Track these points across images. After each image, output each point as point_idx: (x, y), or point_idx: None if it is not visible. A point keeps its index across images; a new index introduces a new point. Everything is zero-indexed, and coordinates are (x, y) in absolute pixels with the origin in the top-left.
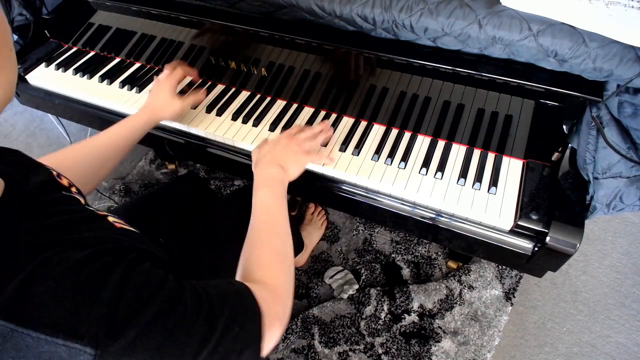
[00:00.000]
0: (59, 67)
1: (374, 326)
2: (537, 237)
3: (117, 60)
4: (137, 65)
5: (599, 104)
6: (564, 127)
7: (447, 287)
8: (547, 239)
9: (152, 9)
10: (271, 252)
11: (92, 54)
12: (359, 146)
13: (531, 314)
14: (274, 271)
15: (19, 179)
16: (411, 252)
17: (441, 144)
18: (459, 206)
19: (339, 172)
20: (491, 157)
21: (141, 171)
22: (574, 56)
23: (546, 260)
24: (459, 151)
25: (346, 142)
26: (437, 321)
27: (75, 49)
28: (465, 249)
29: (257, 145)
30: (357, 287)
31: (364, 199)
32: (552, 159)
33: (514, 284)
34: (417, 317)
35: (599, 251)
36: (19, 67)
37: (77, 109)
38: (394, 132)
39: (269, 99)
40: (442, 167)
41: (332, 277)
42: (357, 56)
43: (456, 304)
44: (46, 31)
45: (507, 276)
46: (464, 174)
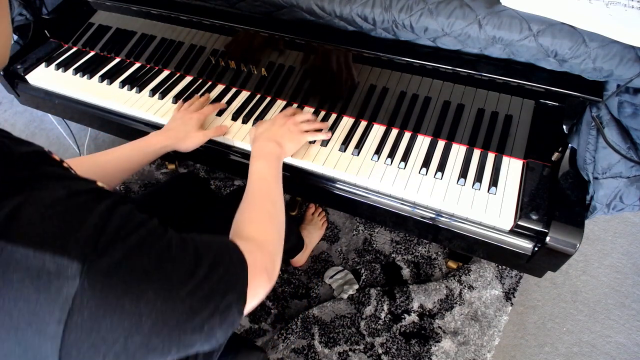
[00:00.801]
0: (59, 67)
1: (374, 326)
2: (537, 237)
3: (117, 60)
4: (137, 65)
5: (599, 104)
6: (564, 127)
7: (447, 287)
8: (547, 239)
9: (152, 9)
10: (263, 213)
11: (92, 54)
12: (359, 146)
13: (531, 314)
14: (264, 228)
15: (9, 145)
16: (411, 252)
17: (441, 144)
18: (459, 206)
19: (339, 171)
20: (491, 157)
21: (141, 171)
22: (574, 56)
23: (546, 260)
24: (459, 151)
25: (346, 142)
26: (437, 321)
27: (75, 49)
28: (465, 249)
29: (255, 124)
30: (357, 287)
31: (363, 199)
32: (552, 159)
33: (514, 284)
34: (417, 317)
35: (599, 251)
36: (18, 67)
37: (77, 109)
38: (394, 132)
39: (269, 99)
40: (442, 167)
41: (332, 277)
42: (357, 56)
43: (456, 304)
44: (46, 31)
45: (507, 276)
46: (464, 174)
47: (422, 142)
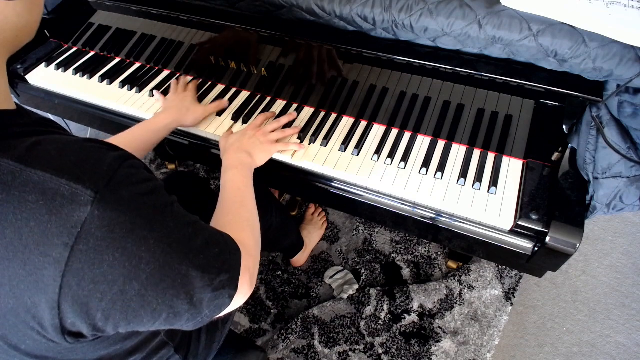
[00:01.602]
0: (59, 67)
1: (374, 326)
2: (537, 237)
3: (117, 60)
4: (137, 65)
5: (599, 104)
6: (564, 127)
7: (447, 287)
8: (547, 239)
9: (152, 9)
10: (240, 219)
11: (92, 54)
12: (359, 146)
13: (531, 314)
14: (244, 233)
15: (29, 112)
16: (411, 252)
17: (441, 144)
18: (459, 206)
19: (339, 171)
20: (491, 157)
21: None
22: (574, 56)
23: (546, 260)
24: (459, 151)
25: (346, 142)
26: (437, 321)
27: (75, 49)
28: (465, 249)
29: (223, 135)
30: (357, 287)
31: (363, 199)
32: (552, 159)
33: (514, 284)
34: (417, 317)
35: (599, 251)
36: (18, 67)
37: (77, 109)
38: (394, 132)
39: (269, 99)
40: (442, 167)
41: (332, 277)
42: (357, 56)
43: (456, 304)
44: (46, 31)
45: (507, 276)
46: (464, 174)
47: (422, 142)
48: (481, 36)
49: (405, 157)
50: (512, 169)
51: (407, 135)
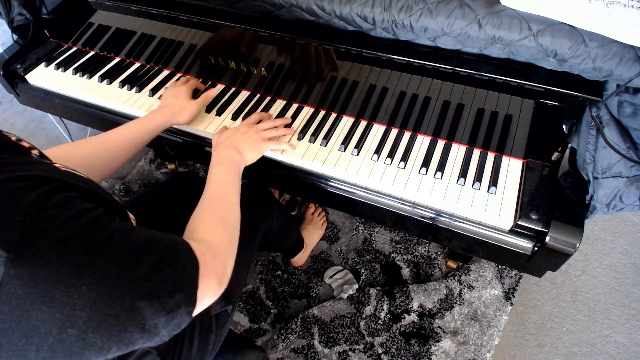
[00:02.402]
0: (59, 67)
1: (374, 326)
2: (537, 237)
3: (117, 60)
4: (137, 65)
5: (599, 104)
6: (564, 127)
7: (447, 287)
8: (547, 239)
9: (152, 9)
10: (216, 217)
11: (92, 54)
12: (359, 146)
13: (531, 314)
14: (216, 233)
15: None
16: (411, 252)
17: (441, 144)
18: (459, 206)
19: (339, 171)
20: (491, 157)
21: (141, 171)
22: (574, 56)
23: (546, 260)
24: (459, 151)
25: (346, 142)
26: (437, 321)
27: (75, 49)
28: (465, 249)
29: (217, 131)
30: (357, 287)
31: (363, 199)
32: (552, 159)
33: (514, 284)
34: (417, 317)
35: (599, 251)
36: (18, 67)
37: (77, 109)
38: (394, 132)
39: (269, 99)
40: (442, 167)
41: (332, 277)
42: (357, 56)
43: (456, 304)
44: (46, 31)
45: (507, 276)
46: (464, 174)
47: (422, 142)
48: (481, 36)
49: (405, 157)
50: (512, 169)
51: (407, 135)
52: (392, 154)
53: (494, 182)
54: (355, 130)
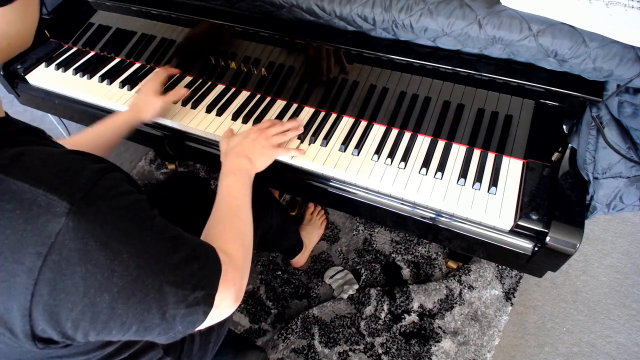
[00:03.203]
0: (59, 67)
1: (374, 326)
2: (537, 237)
3: (117, 60)
4: (137, 65)
5: (599, 104)
6: (564, 127)
7: (447, 287)
8: (547, 239)
9: (152, 9)
10: (232, 229)
11: (92, 54)
12: (359, 146)
13: (531, 314)
14: (234, 245)
15: (16, 121)
16: (411, 252)
17: (441, 144)
18: (459, 206)
19: (339, 171)
20: (491, 157)
21: (141, 171)
22: (574, 56)
23: (546, 260)
24: (459, 151)
25: (346, 142)
26: (437, 321)
27: (75, 49)
28: (465, 249)
29: (224, 135)
30: (357, 287)
31: (363, 199)
32: (552, 159)
33: (514, 284)
34: (417, 317)
35: (599, 251)
36: (18, 67)
37: (77, 109)
38: (394, 132)
39: (269, 99)
40: (442, 167)
41: (332, 277)
42: (357, 56)
43: (456, 304)
44: (46, 31)
45: (507, 276)
46: (464, 174)
47: (422, 142)
48: (481, 36)
49: (405, 157)
50: (512, 169)
51: (407, 135)
52: (392, 154)
53: (494, 182)
54: (355, 130)
